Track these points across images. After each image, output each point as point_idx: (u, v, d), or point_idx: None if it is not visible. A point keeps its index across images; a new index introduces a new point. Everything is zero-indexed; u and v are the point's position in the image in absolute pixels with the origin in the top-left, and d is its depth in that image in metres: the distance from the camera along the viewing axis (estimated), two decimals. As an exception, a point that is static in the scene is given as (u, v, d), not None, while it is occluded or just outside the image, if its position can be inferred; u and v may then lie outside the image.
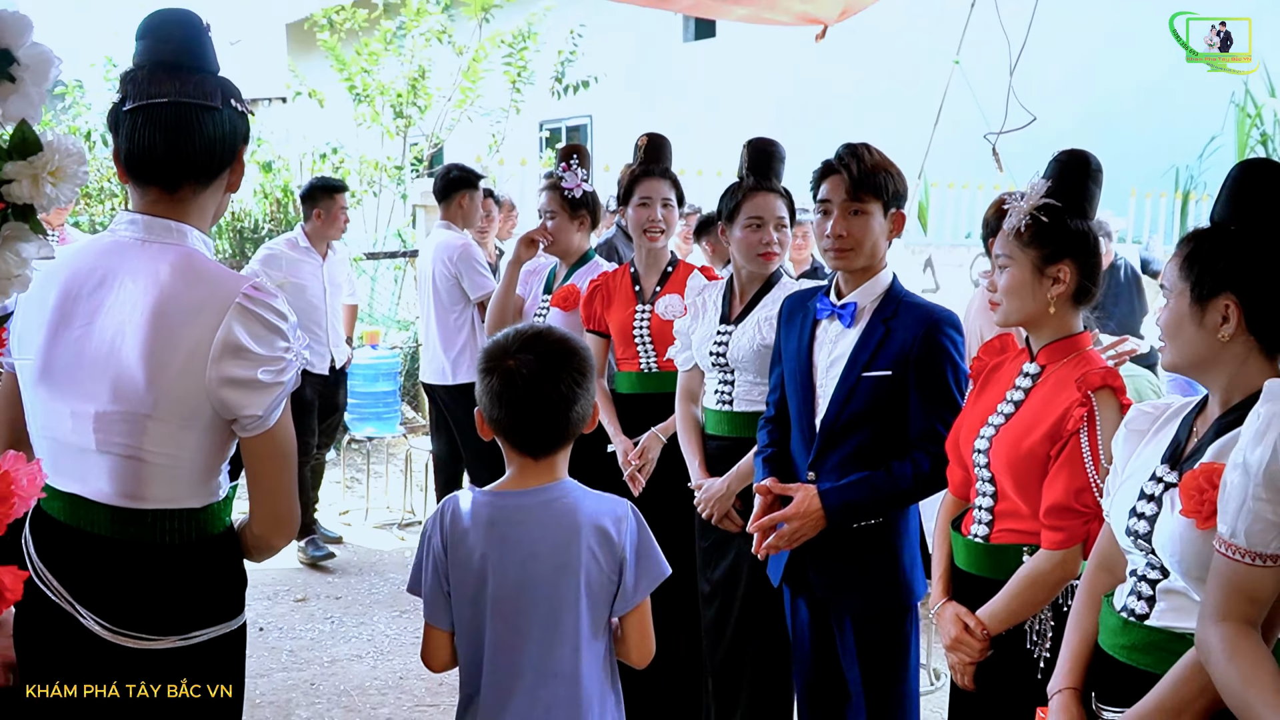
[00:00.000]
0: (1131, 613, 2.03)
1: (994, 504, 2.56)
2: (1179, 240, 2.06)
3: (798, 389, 3.00)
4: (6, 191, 1.47)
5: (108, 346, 1.93)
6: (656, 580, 2.30)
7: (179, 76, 1.98)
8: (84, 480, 1.99)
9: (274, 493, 2.06)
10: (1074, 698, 2.12)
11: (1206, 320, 1.94)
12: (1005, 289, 2.53)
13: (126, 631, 1.97)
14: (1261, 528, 1.66)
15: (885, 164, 2.95)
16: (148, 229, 1.99)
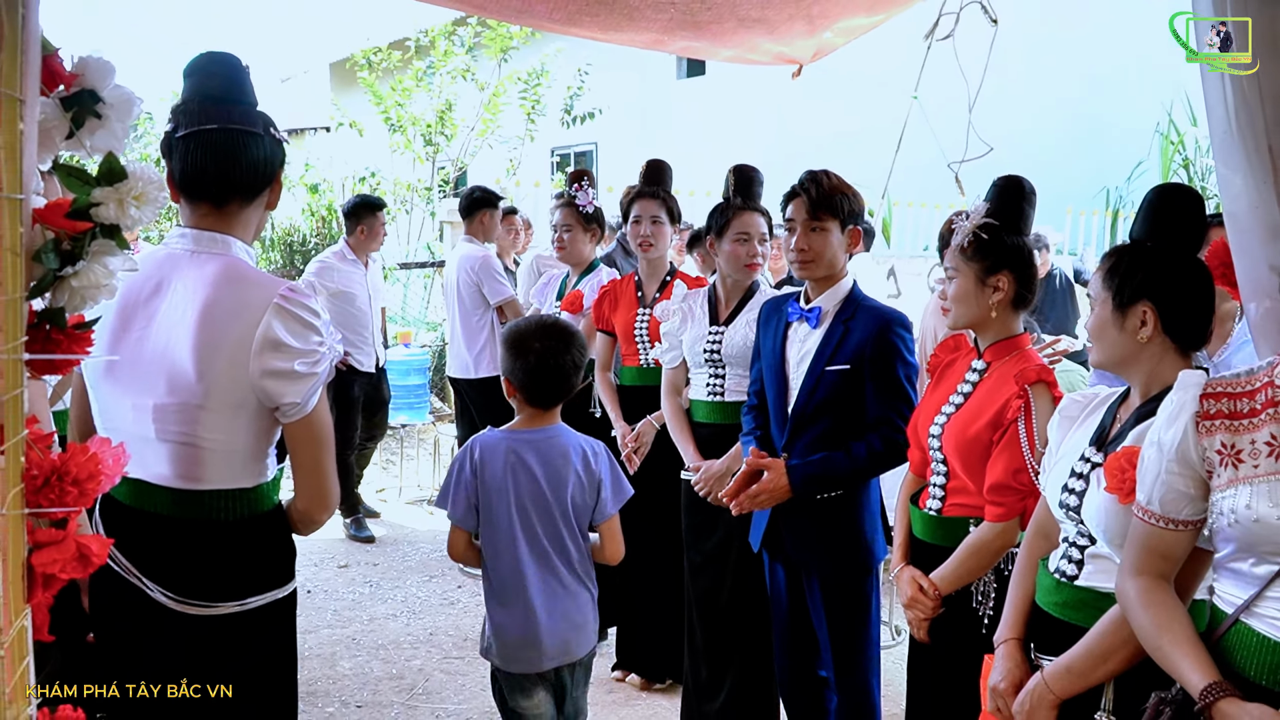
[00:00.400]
0: (1063, 574, 2.07)
1: (946, 482, 2.60)
2: (1103, 255, 2.09)
3: (773, 381, 3.04)
4: (95, 213, 1.49)
5: (163, 346, 1.94)
6: (624, 497, 2.84)
7: (225, 107, 2.00)
8: (145, 466, 1.99)
9: (314, 472, 2.05)
10: (1017, 647, 2.15)
11: (1127, 324, 1.98)
12: (953, 297, 2.57)
13: (190, 600, 1.97)
14: (1174, 497, 1.70)
15: (841, 187, 2.98)
16: (196, 241, 2.00)
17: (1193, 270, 1.99)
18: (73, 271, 1.48)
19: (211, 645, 2.00)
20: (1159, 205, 2.04)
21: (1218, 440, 1.65)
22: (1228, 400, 1.66)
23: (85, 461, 1.45)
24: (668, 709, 4.03)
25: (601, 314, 4.27)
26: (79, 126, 1.54)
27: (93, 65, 1.55)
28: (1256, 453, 1.61)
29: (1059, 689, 1.95)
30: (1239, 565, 1.64)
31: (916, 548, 2.67)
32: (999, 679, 2.14)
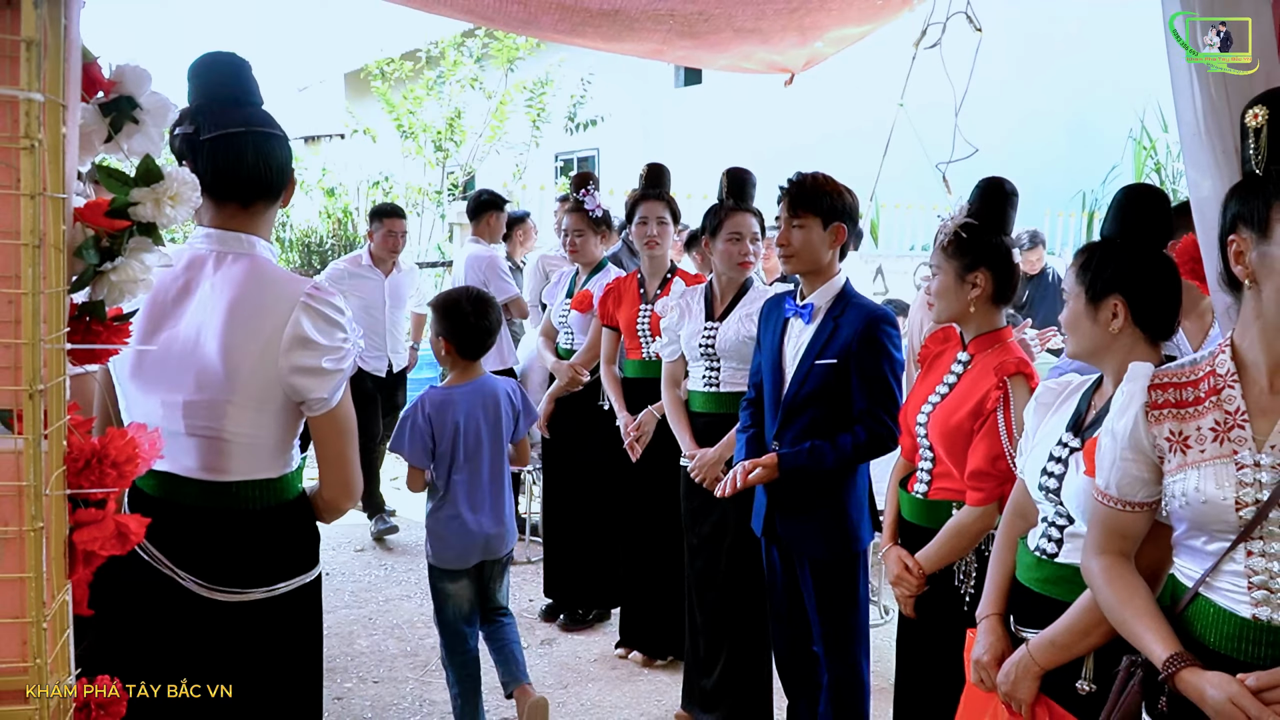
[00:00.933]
0: (1044, 552, 2.09)
1: (932, 467, 2.62)
2: (1076, 252, 2.12)
3: (770, 374, 3.06)
4: (133, 212, 1.51)
5: (192, 344, 1.91)
6: (534, 420, 3.70)
7: (245, 110, 1.97)
8: (175, 459, 1.96)
9: (339, 463, 2.04)
10: (998, 622, 2.18)
11: (1099, 316, 2.01)
12: (935, 292, 2.60)
13: (220, 587, 1.95)
14: (1129, 481, 1.72)
15: (824, 185, 2.99)
16: (222, 241, 1.97)
17: (1160, 265, 2.02)
18: (111, 267, 1.50)
19: (243, 630, 1.99)
20: (1127, 204, 2.07)
21: (1166, 428, 1.67)
22: (1174, 390, 1.68)
23: (124, 445, 1.47)
24: (668, 684, 4.06)
25: (606, 310, 4.30)
26: (117, 131, 1.57)
27: (130, 73, 1.57)
28: (1202, 438, 1.63)
29: (1043, 660, 1.98)
30: (1193, 543, 1.66)
31: (904, 529, 2.69)
32: (982, 652, 2.16)
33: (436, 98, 11.21)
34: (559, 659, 4.33)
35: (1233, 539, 1.59)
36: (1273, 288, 1.57)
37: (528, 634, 4.54)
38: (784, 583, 3.15)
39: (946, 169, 2.71)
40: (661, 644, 4.22)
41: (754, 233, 3.53)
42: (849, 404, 2.93)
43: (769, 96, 11.02)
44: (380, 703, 3.90)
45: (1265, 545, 1.56)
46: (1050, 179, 11.56)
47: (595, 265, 4.66)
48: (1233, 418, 1.62)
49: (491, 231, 6.20)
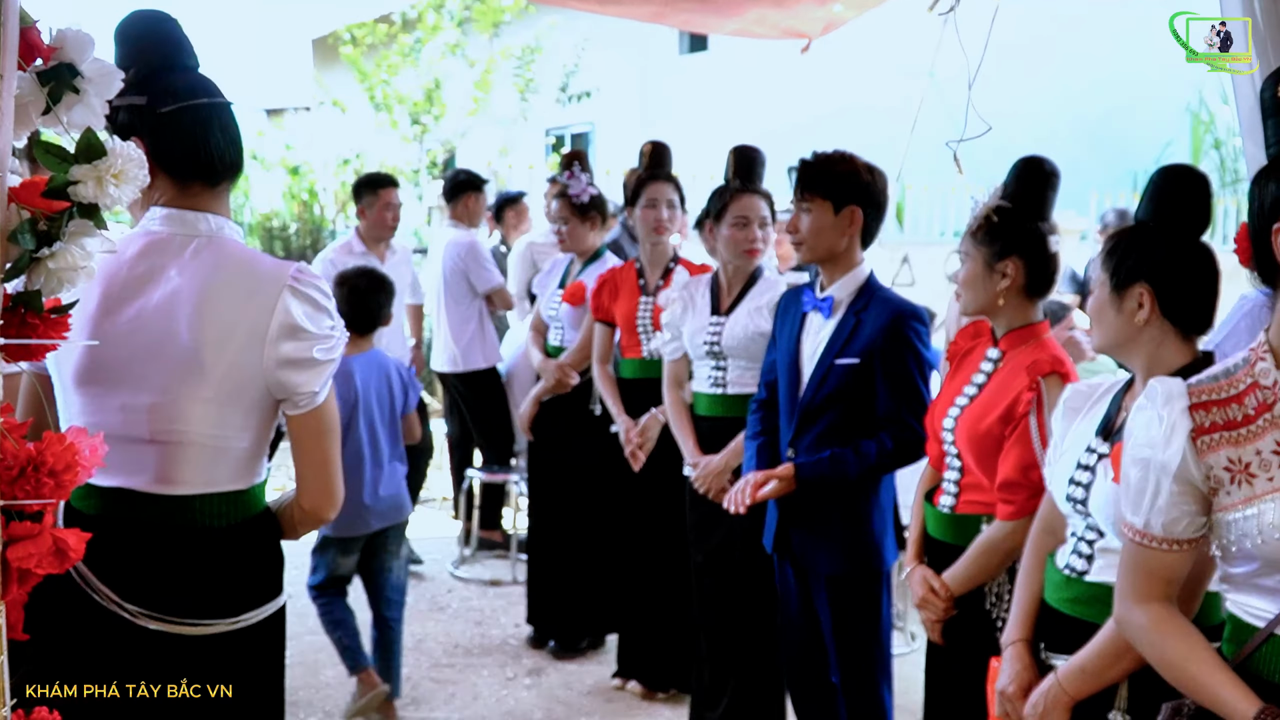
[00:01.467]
0: (1073, 570, 2.11)
1: (960, 477, 2.63)
2: (1105, 237, 2.12)
3: (786, 373, 3.07)
4: (73, 192, 1.51)
5: (160, 338, 1.86)
6: (419, 392, 4.41)
7: (193, 77, 1.96)
8: (132, 473, 1.90)
9: (323, 467, 2.00)
10: (1025, 649, 2.19)
11: (1124, 306, 2.01)
12: (962, 282, 2.60)
13: (176, 619, 1.88)
14: (1175, 516, 1.67)
15: (835, 164, 2.99)
16: (184, 223, 1.93)
17: (1193, 251, 2.02)
18: (49, 253, 1.50)
19: (200, 668, 1.92)
20: (1163, 186, 2.08)
21: (1223, 457, 1.62)
22: (1219, 409, 1.63)
23: (62, 452, 1.47)
24: (669, 717, 4.06)
25: (600, 304, 4.28)
26: (56, 101, 1.56)
27: (71, 38, 1.56)
28: (1267, 464, 1.58)
29: (1073, 689, 1.98)
30: (1265, 581, 1.61)
31: (930, 546, 2.70)
32: (1007, 682, 2.17)
33: (413, 65, 11.20)
34: (549, 691, 4.33)
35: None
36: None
37: (514, 663, 4.56)
38: (798, 604, 3.15)
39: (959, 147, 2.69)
40: (663, 674, 4.23)
41: (762, 217, 3.53)
42: (872, 408, 2.93)
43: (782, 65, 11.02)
44: None
45: None
46: (1097, 157, 11.58)
47: (591, 254, 4.63)
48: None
49: (471, 215, 6.18)
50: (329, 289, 1.97)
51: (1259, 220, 1.63)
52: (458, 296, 5.94)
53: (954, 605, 2.57)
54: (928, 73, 6.09)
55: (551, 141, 14.49)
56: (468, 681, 4.35)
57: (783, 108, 12.51)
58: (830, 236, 2.99)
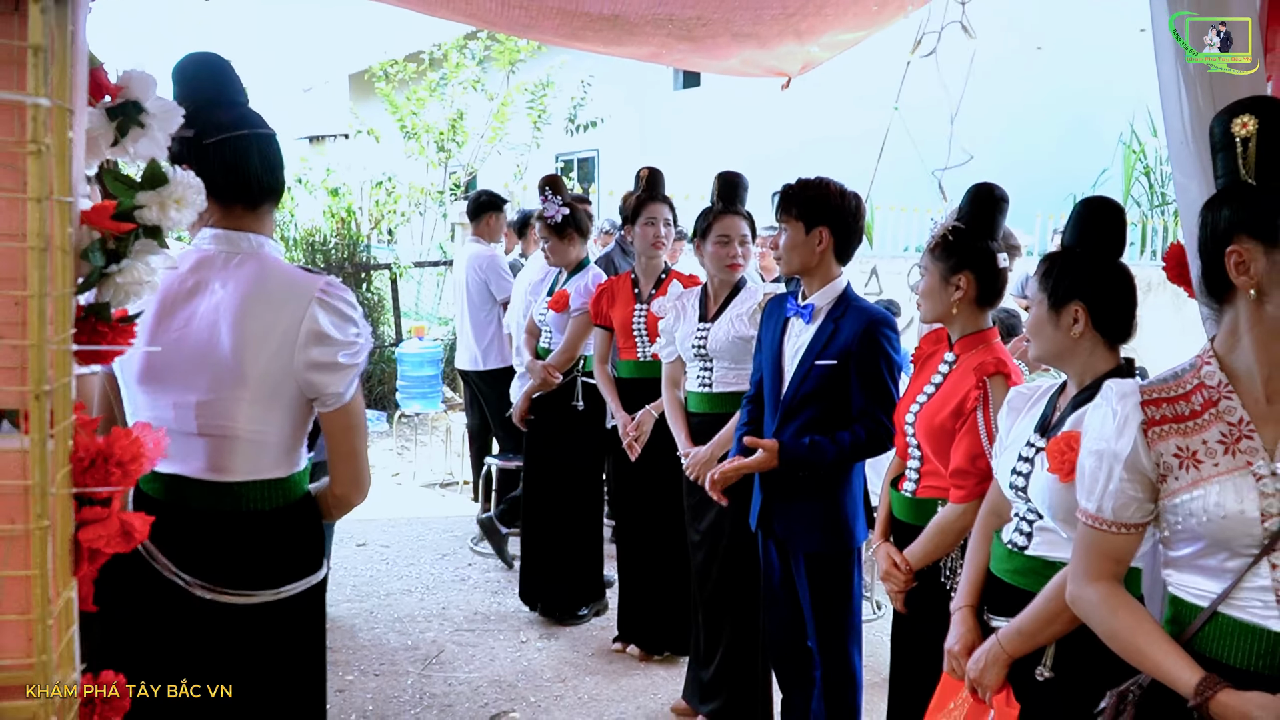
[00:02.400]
0: (1015, 545, 2.13)
1: (920, 465, 2.64)
2: (1039, 260, 2.14)
3: (770, 372, 3.07)
4: (139, 215, 1.51)
5: (205, 343, 1.89)
6: None
7: (238, 110, 1.96)
8: (184, 461, 1.92)
9: (351, 458, 2.01)
10: (970, 614, 2.22)
11: (1061, 322, 2.04)
12: (921, 293, 2.62)
13: (227, 590, 1.91)
14: (1124, 502, 1.66)
15: (807, 189, 2.99)
16: (229, 242, 1.95)
17: (1117, 272, 2.07)
18: (117, 269, 1.50)
19: (249, 632, 1.94)
20: (1086, 215, 2.12)
21: (1172, 445, 1.61)
22: (1168, 405, 1.63)
23: (129, 445, 1.47)
24: (665, 678, 4.06)
25: (600, 310, 4.29)
26: (124, 135, 1.56)
27: (136, 78, 1.56)
28: (1212, 451, 1.58)
29: (1011, 648, 2.01)
30: (1209, 561, 1.59)
31: (896, 527, 2.70)
32: (953, 642, 2.21)
33: (439, 99, 11.20)
34: (557, 653, 4.33)
35: (1256, 553, 1.54)
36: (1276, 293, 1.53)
37: (526, 629, 4.56)
38: (780, 578, 3.15)
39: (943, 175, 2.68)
40: (658, 639, 4.23)
41: (742, 235, 3.54)
42: (847, 404, 2.93)
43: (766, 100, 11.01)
44: (381, 695, 3.90)
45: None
46: (1042, 182, 11.57)
47: (575, 265, 4.62)
48: (1238, 428, 1.58)
49: (491, 231, 6.18)
50: (354, 299, 1.97)
51: (1211, 243, 1.60)
52: (478, 304, 5.95)
53: (914, 578, 2.58)
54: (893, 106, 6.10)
55: (561, 166, 14.47)
56: (486, 645, 4.35)
57: (766, 137, 12.52)
58: (802, 252, 2.99)
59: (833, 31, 4.86)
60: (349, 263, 9.62)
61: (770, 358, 3.08)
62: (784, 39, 4.84)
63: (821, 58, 5.28)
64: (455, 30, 11.45)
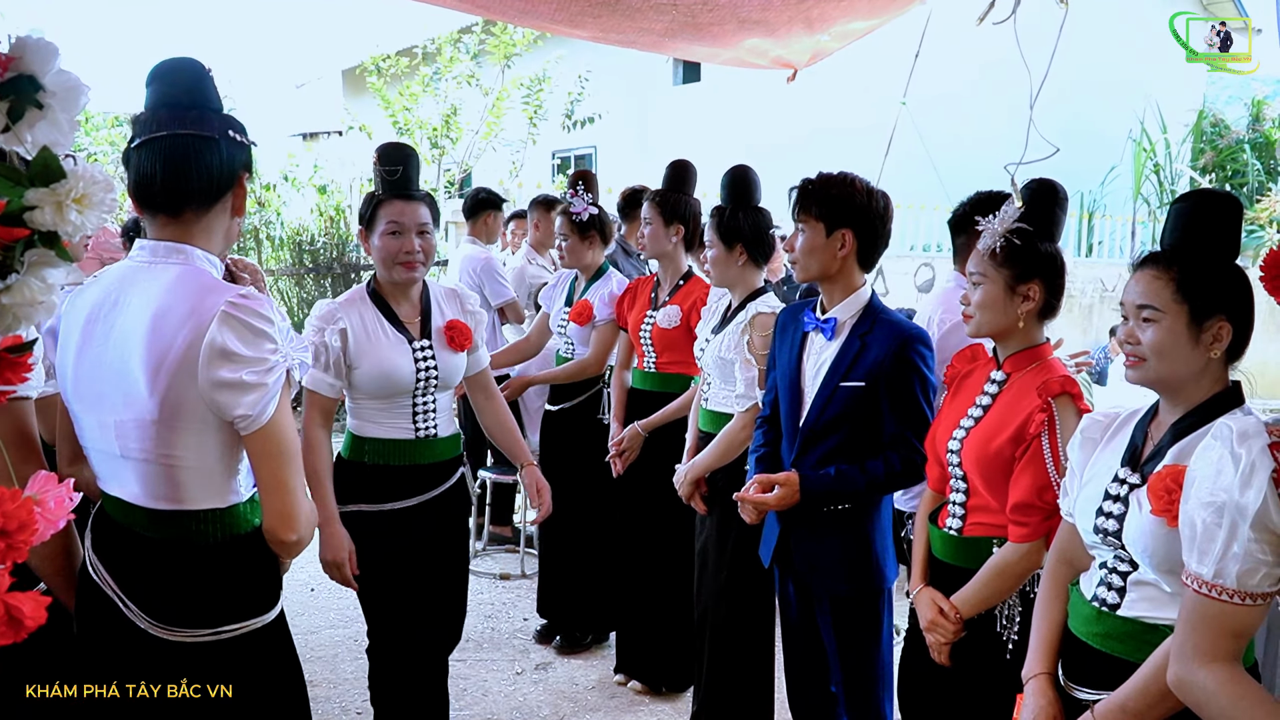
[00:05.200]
0: (1104, 603, 1.81)
1: (966, 499, 2.32)
2: (1150, 261, 1.80)
3: (788, 394, 2.75)
4: (30, 218, 1.21)
5: (119, 361, 1.74)
6: None
7: (179, 113, 1.78)
8: (120, 484, 1.80)
9: (275, 489, 1.77)
10: (1048, 682, 1.89)
11: (1202, 339, 1.71)
12: (979, 304, 2.28)
13: (164, 625, 1.77)
14: (1251, 567, 1.40)
15: (830, 186, 2.66)
16: (154, 252, 1.80)
17: (1248, 281, 1.75)
18: (4, 286, 1.20)
19: (189, 674, 1.79)
20: (1206, 212, 1.78)
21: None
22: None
23: (15, 510, 1.16)
24: (670, 714, 3.76)
25: (621, 312, 3.98)
26: (17, 118, 1.26)
27: (32, 47, 1.26)
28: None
29: None
30: None
31: (935, 568, 2.39)
32: (1030, 716, 1.87)
33: (433, 94, 10.96)
34: (555, 686, 4.01)
35: None
36: None
37: (522, 658, 4.24)
38: (799, 617, 2.85)
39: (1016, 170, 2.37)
40: (660, 673, 3.91)
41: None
42: (876, 429, 2.61)
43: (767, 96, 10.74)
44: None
45: None
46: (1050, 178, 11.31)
47: (595, 271, 4.23)
48: None
49: (489, 232, 5.88)
50: (272, 314, 1.76)
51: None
52: (472, 308, 5.64)
53: (964, 628, 2.27)
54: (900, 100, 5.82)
55: (557, 163, 14.21)
56: (478, 676, 4.03)
57: (767, 133, 12.24)
58: (822, 257, 2.67)
59: (845, 19, 4.59)
60: (338, 263, 9.31)
61: (787, 378, 2.76)
62: (793, 27, 4.55)
63: (831, 48, 5.00)
64: (449, 24, 11.23)
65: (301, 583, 4.94)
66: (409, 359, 2.76)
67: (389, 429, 2.80)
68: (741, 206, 3.19)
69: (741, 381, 3.13)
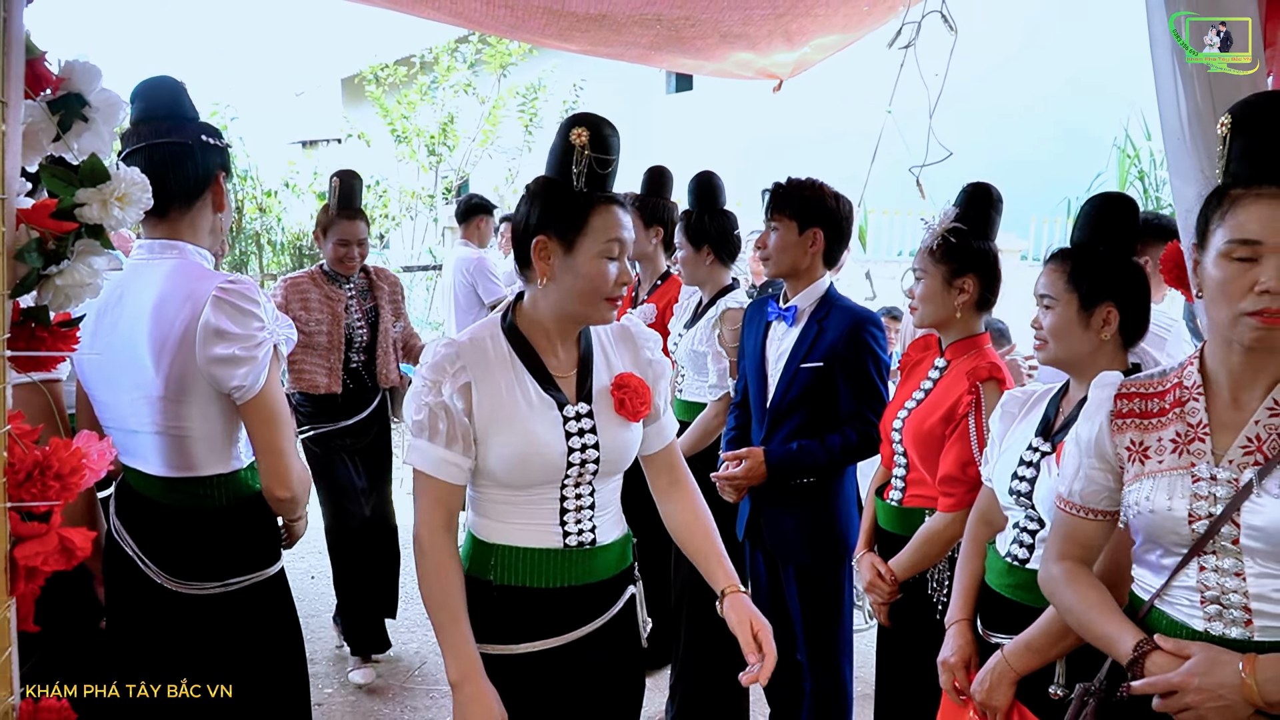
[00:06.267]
0: (1015, 558, 2.05)
1: (906, 474, 2.56)
2: (1052, 257, 2.04)
3: (754, 377, 2.99)
4: (79, 214, 1.43)
5: (128, 345, 1.96)
6: None
7: (156, 124, 2.01)
8: (138, 457, 2.03)
9: (269, 450, 1.98)
10: (966, 626, 2.15)
11: (1092, 323, 1.96)
12: (921, 296, 2.51)
13: (179, 580, 2.01)
14: (1093, 489, 1.68)
15: (803, 189, 2.90)
16: (151, 250, 2.03)
17: (1140, 271, 2.01)
18: (57, 270, 1.42)
19: (205, 622, 2.02)
20: (1103, 211, 2.05)
21: (1128, 437, 1.62)
22: (1140, 400, 1.64)
23: (68, 456, 1.39)
24: (650, 690, 3.96)
25: None
26: (65, 129, 1.48)
27: (79, 69, 1.49)
28: (1162, 449, 1.58)
29: (1019, 665, 1.93)
30: (1149, 556, 1.61)
31: (881, 537, 2.63)
32: (949, 653, 2.13)
33: (430, 103, 11.16)
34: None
35: (1185, 552, 1.54)
36: (1207, 299, 1.54)
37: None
38: (768, 589, 3.07)
39: (921, 173, 2.61)
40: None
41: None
42: (835, 407, 2.85)
43: (759, 103, 10.97)
44: (361, 709, 3.82)
45: (1218, 560, 1.52)
46: (1036, 185, 11.51)
47: None
48: (1194, 430, 1.57)
49: (481, 235, 6.13)
50: (258, 296, 1.98)
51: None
52: (466, 307, 5.88)
53: (899, 589, 2.50)
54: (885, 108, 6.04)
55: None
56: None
57: (758, 141, 12.47)
58: (794, 254, 2.90)
59: (823, 33, 4.80)
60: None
61: (753, 363, 3.00)
62: (774, 40, 4.77)
63: (813, 59, 5.21)
64: (446, 34, 11.42)
65: (302, 571, 5.16)
66: (558, 431, 1.87)
67: (528, 532, 1.91)
68: (707, 210, 3.45)
69: (714, 372, 3.36)
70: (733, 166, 12.62)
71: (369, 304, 4.01)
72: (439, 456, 1.82)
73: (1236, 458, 1.52)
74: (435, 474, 1.83)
